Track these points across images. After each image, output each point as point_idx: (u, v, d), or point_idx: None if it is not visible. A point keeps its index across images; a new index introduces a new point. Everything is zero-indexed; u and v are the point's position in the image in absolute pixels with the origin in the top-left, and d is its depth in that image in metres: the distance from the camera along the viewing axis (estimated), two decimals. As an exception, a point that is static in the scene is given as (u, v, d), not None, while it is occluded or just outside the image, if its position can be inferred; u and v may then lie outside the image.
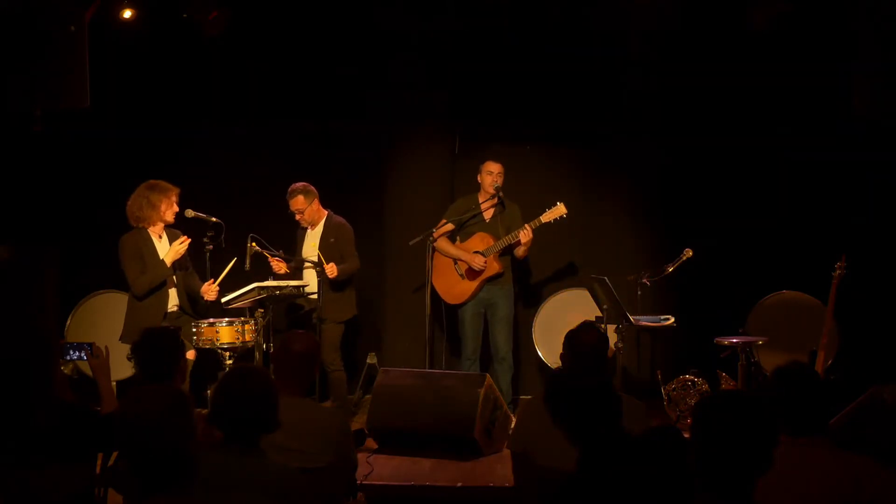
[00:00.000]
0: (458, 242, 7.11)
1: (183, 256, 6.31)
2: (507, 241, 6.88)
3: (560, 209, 6.80)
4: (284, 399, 3.26)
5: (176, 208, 6.30)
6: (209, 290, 6.40)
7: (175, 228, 6.43)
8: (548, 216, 6.82)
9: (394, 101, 7.87)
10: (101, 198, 7.56)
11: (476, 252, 6.95)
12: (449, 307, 7.20)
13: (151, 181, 6.29)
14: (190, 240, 6.30)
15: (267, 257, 6.75)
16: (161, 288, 6.23)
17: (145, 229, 6.24)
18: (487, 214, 7.06)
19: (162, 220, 6.26)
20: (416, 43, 7.73)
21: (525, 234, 6.77)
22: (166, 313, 6.27)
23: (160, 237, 6.31)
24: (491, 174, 6.95)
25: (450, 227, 7.06)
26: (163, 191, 6.24)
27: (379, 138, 7.98)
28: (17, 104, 6.02)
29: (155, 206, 6.20)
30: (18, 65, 5.83)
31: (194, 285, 6.48)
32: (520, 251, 6.93)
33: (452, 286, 7.09)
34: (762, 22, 6.90)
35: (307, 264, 6.86)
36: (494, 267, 6.94)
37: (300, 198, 6.86)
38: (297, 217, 6.93)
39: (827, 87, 7.05)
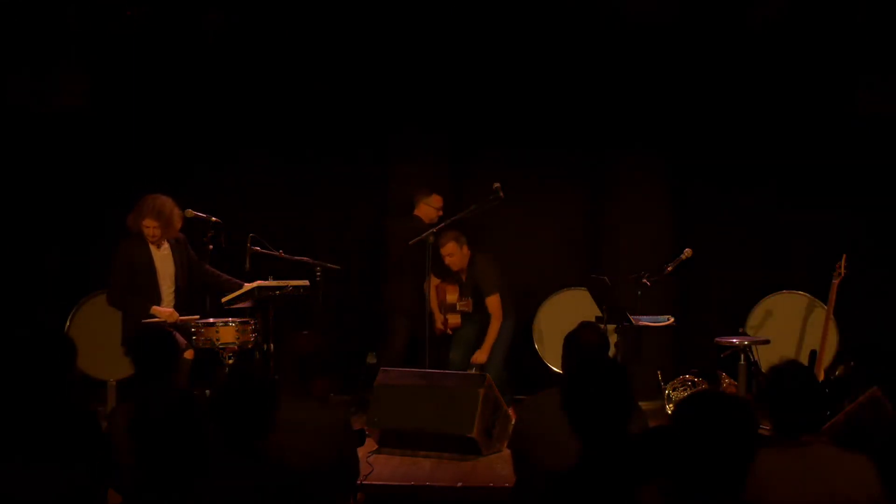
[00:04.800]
0: (439, 283, 7.20)
1: (180, 264, 6.35)
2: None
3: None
4: (287, 399, 3.26)
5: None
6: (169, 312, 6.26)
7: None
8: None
9: (395, 104, 7.86)
10: (102, 198, 7.55)
11: (449, 306, 7.19)
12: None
13: (170, 199, 6.26)
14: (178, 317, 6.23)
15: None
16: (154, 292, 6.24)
17: (144, 239, 6.22)
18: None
19: (174, 234, 6.32)
20: (416, 45, 7.73)
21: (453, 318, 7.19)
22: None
23: (159, 246, 6.28)
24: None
25: (436, 281, 7.17)
26: (179, 216, 6.29)
27: (381, 140, 7.98)
28: (17, 103, 6.05)
29: (177, 224, 6.27)
30: (18, 64, 5.85)
31: (204, 274, 6.51)
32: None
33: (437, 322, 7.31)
34: (762, 21, 6.90)
35: None
36: (455, 323, 7.21)
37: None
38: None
39: (828, 87, 7.05)
